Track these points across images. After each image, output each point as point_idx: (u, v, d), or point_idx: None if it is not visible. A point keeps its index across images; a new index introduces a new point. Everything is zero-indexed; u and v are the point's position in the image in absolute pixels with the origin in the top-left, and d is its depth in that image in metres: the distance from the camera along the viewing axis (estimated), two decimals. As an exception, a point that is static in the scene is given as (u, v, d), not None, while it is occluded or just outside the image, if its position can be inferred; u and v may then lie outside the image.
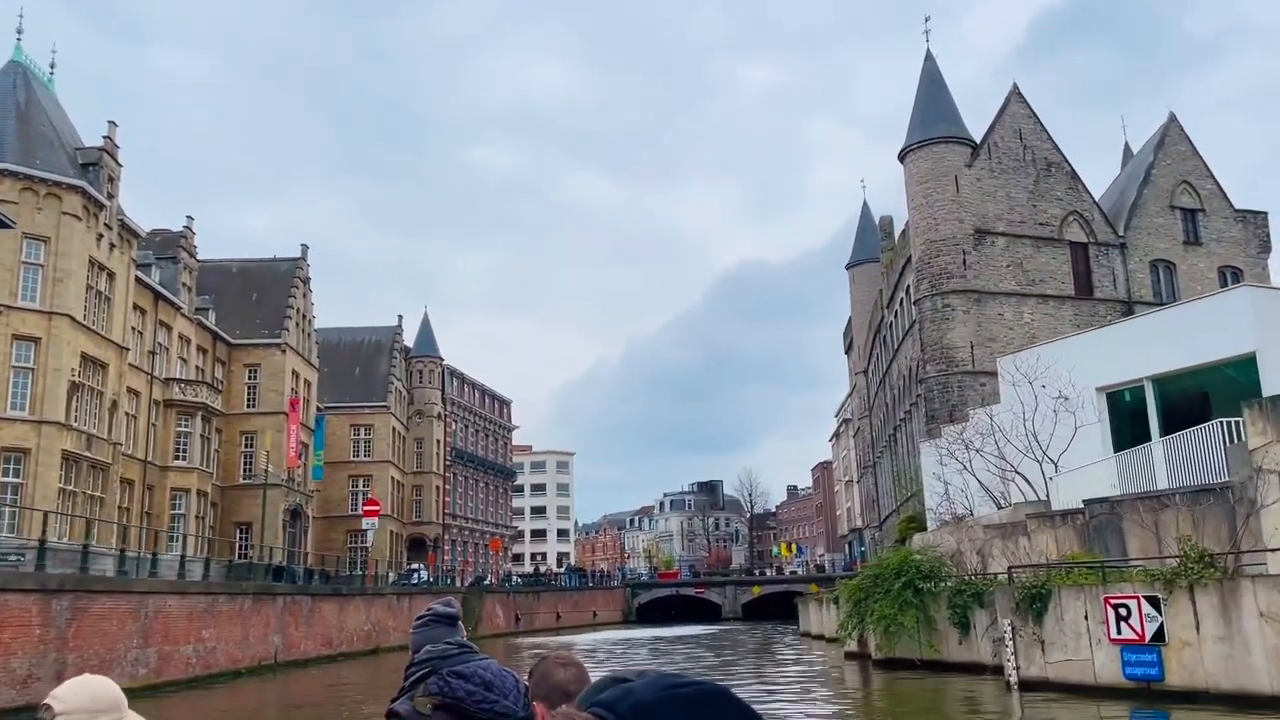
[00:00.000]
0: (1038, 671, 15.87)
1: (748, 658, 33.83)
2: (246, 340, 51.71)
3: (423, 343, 76.34)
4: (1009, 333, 43.04)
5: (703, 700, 1.14)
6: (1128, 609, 14.14)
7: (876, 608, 19.68)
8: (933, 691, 18.12)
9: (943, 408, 42.10)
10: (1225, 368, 20.75)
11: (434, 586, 54.81)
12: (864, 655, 23.19)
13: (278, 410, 51.23)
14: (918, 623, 19.18)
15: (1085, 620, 15.15)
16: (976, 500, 30.07)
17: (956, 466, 30.28)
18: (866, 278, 72.09)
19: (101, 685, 2.21)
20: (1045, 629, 15.63)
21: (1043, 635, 15.58)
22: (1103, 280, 45.01)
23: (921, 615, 19.36)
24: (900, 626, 19.28)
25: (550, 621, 67.42)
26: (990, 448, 26.24)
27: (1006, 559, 21.00)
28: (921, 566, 19.97)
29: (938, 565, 20.14)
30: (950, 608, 18.98)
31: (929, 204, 43.98)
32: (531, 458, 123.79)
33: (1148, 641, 14.08)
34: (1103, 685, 14.79)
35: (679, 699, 1.13)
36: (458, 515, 78.80)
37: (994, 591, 17.95)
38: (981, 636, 18.07)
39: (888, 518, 62.62)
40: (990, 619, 17.70)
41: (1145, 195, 46.73)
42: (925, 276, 43.67)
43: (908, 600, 19.33)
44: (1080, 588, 15.33)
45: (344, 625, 36.68)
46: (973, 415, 30.42)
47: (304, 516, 53.91)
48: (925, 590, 19.58)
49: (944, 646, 19.36)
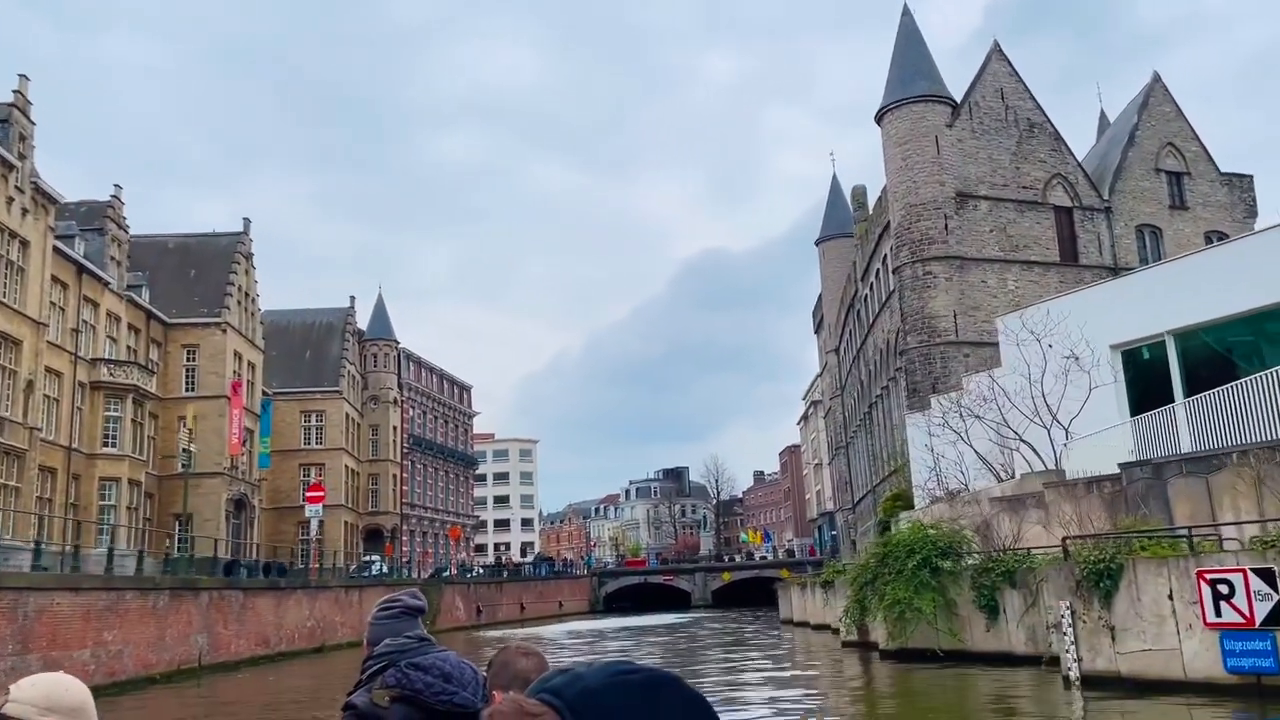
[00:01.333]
0: (1105, 664, 13.12)
1: (733, 650, 31.27)
2: (184, 319, 48.37)
3: (377, 325, 73.10)
4: (992, 301, 40.95)
5: (652, 686, 1.14)
6: (1230, 585, 11.54)
7: (888, 591, 17.21)
8: (963, 688, 15.70)
9: (925, 380, 39.94)
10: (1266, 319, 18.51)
11: (387, 578, 51.82)
12: (866, 645, 20.81)
13: (219, 394, 48.02)
14: (936, 607, 16.78)
15: (1170, 601, 12.46)
16: (973, 473, 27.83)
17: (950, 438, 28.03)
18: (837, 253, 69.94)
19: (64, 687, 2.14)
20: (1115, 612, 12.95)
21: (1112, 620, 12.91)
22: (1088, 246, 43.07)
23: (940, 599, 16.97)
24: (916, 613, 16.81)
25: (514, 613, 64.74)
26: (992, 415, 23.94)
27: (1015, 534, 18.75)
28: (939, 542, 17.54)
29: (958, 540, 17.71)
30: (975, 589, 16.59)
31: (908, 166, 41.73)
32: (494, 445, 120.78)
33: (1258, 626, 11.47)
34: (1195, 681, 12.14)
35: (628, 685, 1.13)
36: (416, 505, 75.78)
37: (1031, 569, 15.57)
38: (1015, 622, 15.74)
39: (862, 498, 60.62)
40: (1026, 601, 15.41)
41: (1130, 158, 44.84)
42: (905, 243, 41.44)
43: (924, 581, 16.86)
44: (1161, 561, 12.63)
45: (283, 622, 33.69)
46: (969, 381, 28.15)
47: (250, 507, 50.74)
48: (944, 570, 17.18)
49: (968, 634, 16.98)
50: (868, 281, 52.25)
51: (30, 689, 2.11)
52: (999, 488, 23.97)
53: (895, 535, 18.14)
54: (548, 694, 1.15)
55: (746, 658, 26.63)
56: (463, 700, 2.78)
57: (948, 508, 27.65)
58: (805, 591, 35.29)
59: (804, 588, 35.93)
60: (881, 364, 49.09)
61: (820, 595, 31.96)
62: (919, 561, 17.03)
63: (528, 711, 1.14)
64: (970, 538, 17.40)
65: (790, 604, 39.59)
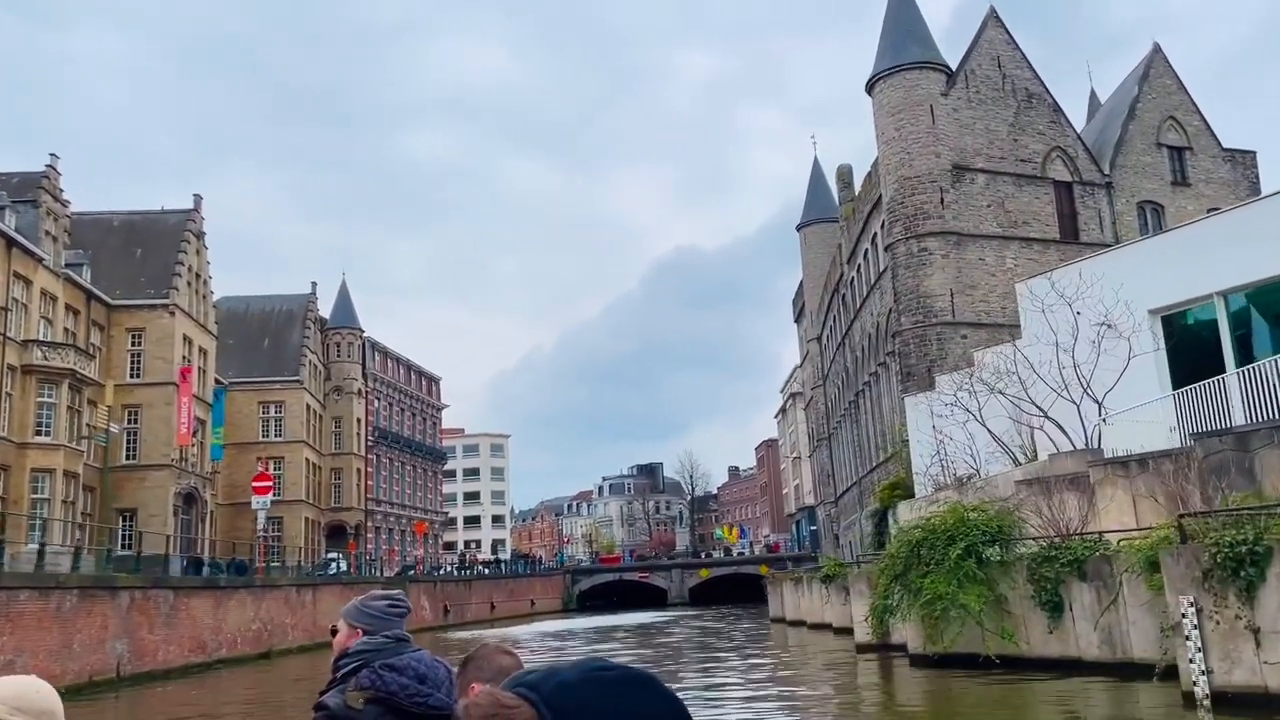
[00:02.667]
0: (1246, 677, 10.40)
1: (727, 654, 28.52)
2: (128, 301, 45.16)
3: (340, 313, 69.95)
4: (990, 279, 38.77)
5: (627, 683, 1.17)
6: None
7: (925, 585, 14.62)
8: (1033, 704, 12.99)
9: (920, 363, 37.63)
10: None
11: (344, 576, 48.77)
12: (887, 648, 18.30)
13: (166, 381, 44.91)
14: (985, 604, 14.22)
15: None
16: (984, 456, 25.47)
17: (960, 418, 25.65)
18: (819, 239, 67.69)
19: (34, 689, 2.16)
20: (1262, 610, 10.27)
21: (1256, 620, 10.23)
22: (1089, 223, 40.97)
23: (989, 594, 14.43)
24: (961, 611, 14.23)
25: (484, 612, 61.93)
26: (1013, 390, 21.55)
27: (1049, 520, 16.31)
28: (986, 527, 14.98)
29: (1009, 524, 15.13)
30: (1033, 582, 14.05)
31: (901, 137, 39.39)
32: (464, 440, 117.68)
33: None
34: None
35: (604, 680, 1.16)
36: (382, 500, 72.70)
37: (1106, 557, 13.04)
38: (1086, 621, 13.19)
39: (847, 491, 58.38)
40: (1101, 596, 12.92)
41: (1130, 131, 42.79)
42: (898, 218, 39.11)
43: (969, 574, 14.31)
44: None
45: (223, 625, 30.69)
46: (982, 355, 25.76)
47: (201, 502, 47.63)
48: (991, 560, 14.64)
49: (1025, 636, 14.35)
50: (854, 264, 49.94)
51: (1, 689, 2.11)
52: (1019, 470, 21.57)
53: (932, 519, 15.60)
54: (524, 688, 1.15)
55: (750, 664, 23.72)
56: (437, 702, 2.78)
57: (956, 495, 25.28)
58: (800, 588, 32.81)
59: (798, 584, 33.44)
60: (870, 348, 46.79)
61: (819, 591, 29.48)
62: (963, 550, 14.47)
63: (504, 704, 1.14)
64: (1022, 521, 14.88)
65: (781, 601, 37.07)
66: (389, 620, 3.08)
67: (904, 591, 15.33)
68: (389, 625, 3.07)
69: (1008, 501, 19.22)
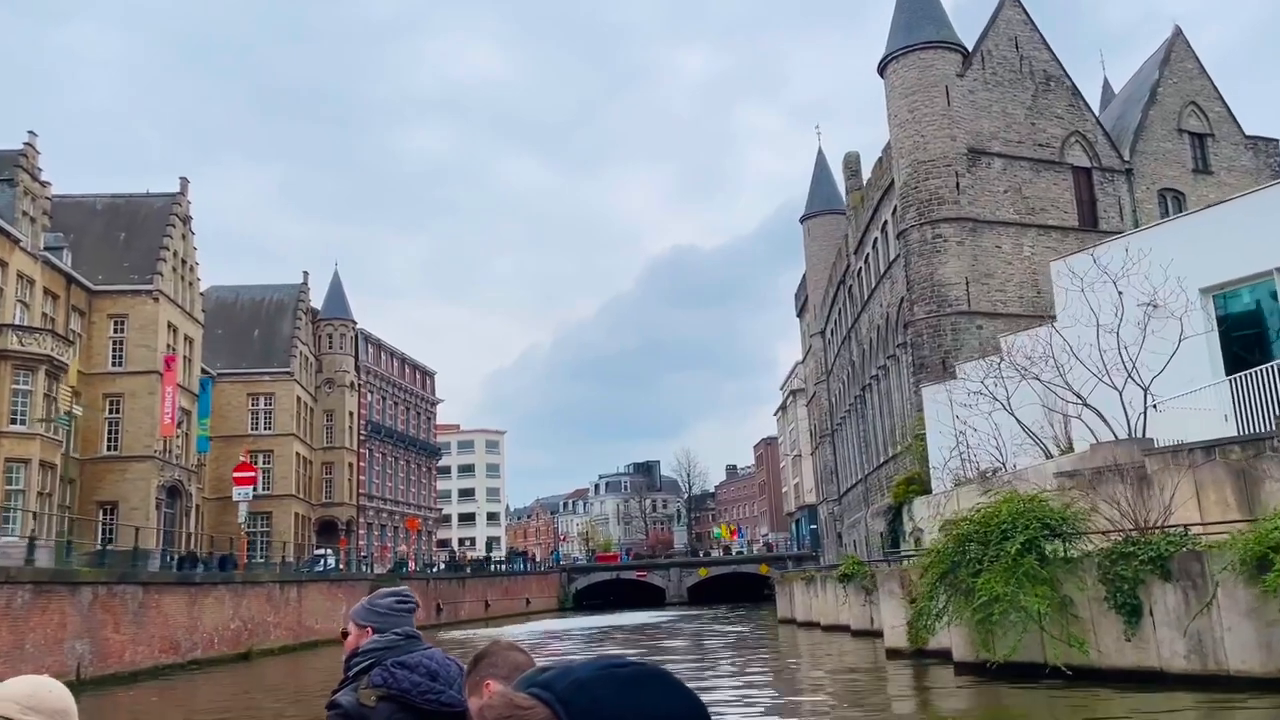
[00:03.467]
0: None
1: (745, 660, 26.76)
2: (111, 286, 43.50)
3: (333, 304, 68.28)
4: (1007, 268, 37.30)
5: (643, 680, 1.15)
6: None
7: (980, 585, 12.95)
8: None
9: (934, 354, 36.15)
10: None
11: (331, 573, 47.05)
12: (921, 654, 16.69)
13: (150, 369, 43.26)
14: (1050, 607, 12.59)
15: None
16: (1011, 449, 23.96)
17: (984, 408, 24.16)
18: (823, 231, 66.24)
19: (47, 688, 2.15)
20: None
21: None
22: (1108, 210, 39.49)
23: (1053, 595, 12.81)
24: (1021, 614, 12.56)
25: (478, 611, 60.33)
26: (1049, 375, 20.05)
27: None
28: (1049, 519, 13.35)
29: (1075, 517, 13.48)
30: (1105, 582, 12.43)
31: (915, 119, 37.88)
32: (459, 437, 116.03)
33: None
34: None
35: (618, 677, 1.14)
36: (374, 496, 71.06)
37: (1196, 554, 11.43)
38: (1170, 627, 11.58)
39: (852, 488, 56.91)
40: (1189, 599, 11.38)
41: (1151, 117, 41.33)
42: (912, 203, 37.59)
43: (1030, 572, 12.71)
44: None
45: (198, 624, 28.94)
46: (1011, 340, 24.23)
47: (185, 495, 45.99)
48: (1053, 557, 13.00)
49: (1096, 643, 12.76)
50: (862, 254, 48.44)
51: (14, 688, 2.12)
52: (1055, 463, 20.05)
53: (985, 509, 13.97)
54: (538, 688, 1.14)
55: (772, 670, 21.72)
56: (449, 699, 2.78)
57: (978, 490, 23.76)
58: (813, 587, 31.21)
59: (810, 583, 31.85)
60: (879, 341, 45.29)
61: (835, 592, 27.87)
62: (1023, 545, 12.83)
63: (518, 705, 1.14)
64: (1087, 512, 13.25)
65: (791, 601, 35.45)
66: (397, 616, 3.09)
67: (951, 592, 13.72)
68: (398, 621, 3.07)
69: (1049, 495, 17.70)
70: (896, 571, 17.60)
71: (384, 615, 3.05)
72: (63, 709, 2.13)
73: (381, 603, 3.11)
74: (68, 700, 2.16)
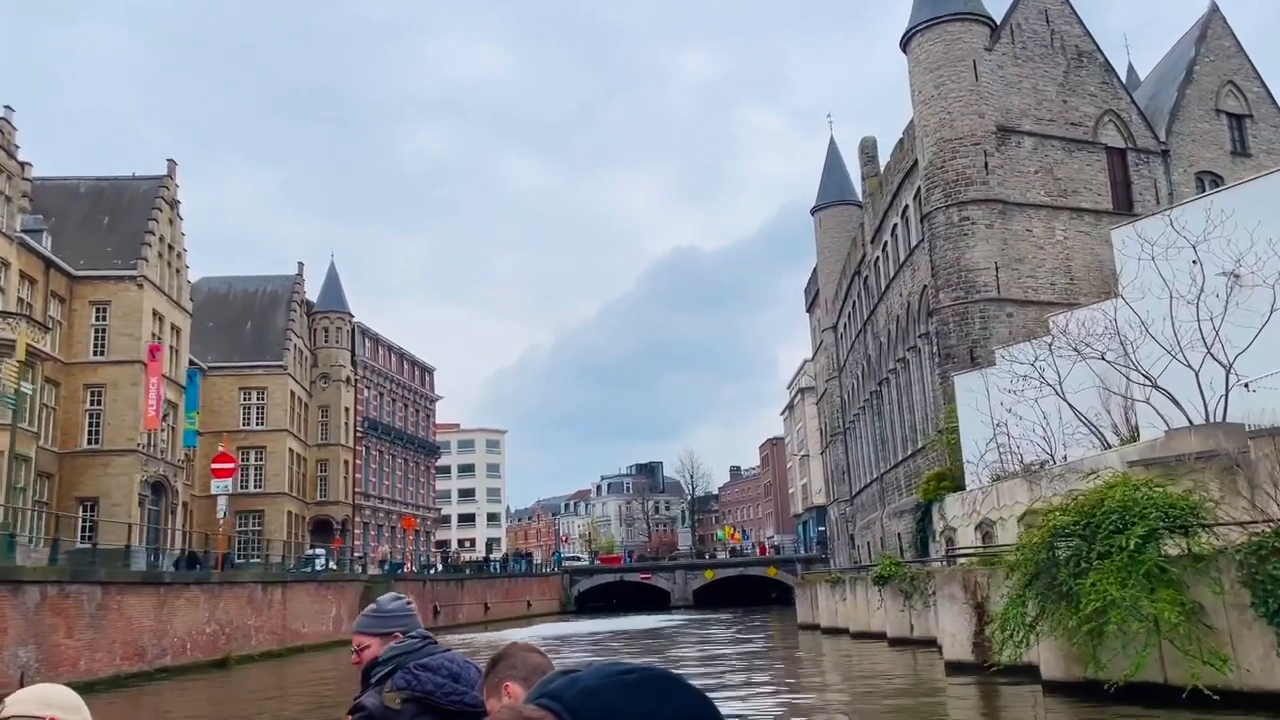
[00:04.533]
0: None
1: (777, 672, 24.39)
2: (93, 272, 41.45)
3: (329, 296, 66.21)
4: (1039, 253, 35.24)
5: (651, 684, 1.14)
6: None
7: (1089, 587, 10.74)
8: None
9: (961, 344, 34.06)
10: None
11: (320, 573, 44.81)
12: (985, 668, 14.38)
13: (133, 359, 41.18)
14: (1182, 614, 10.37)
15: None
16: (1060, 439, 21.88)
17: (1029, 395, 22.09)
18: (835, 222, 64.16)
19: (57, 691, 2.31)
20: None
21: None
22: (1144, 194, 37.40)
23: (1185, 600, 10.62)
24: (1146, 624, 10.31)
25: (477, 614, 58.21)
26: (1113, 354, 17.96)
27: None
28: (1172, 507, 11.11)
29: (1201, 506, 11.22)
30: (1250, 585, 10.24)
31: (941, 96, 35.82)
32: (459, 436, 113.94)
33: None
34: None
35: (627, 683, 1.13)
36: (371, 495, 68.95)
37: None
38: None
39: (866, 488, 54.80)
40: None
41: (1188, 96, 39.27)
42: (937, 184, 35.52)
43: (1154, 572, 10.47)
44: None
45: (167, 628, 26.40)
46: (1062, 320, 22.15)
47: (171, 491, 43.91)
48: (1179, 558, 10.70)
49: (1236, 660, 10.62)
50: (880, 242, 46.35)
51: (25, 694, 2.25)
52: (1118, 452, 17.93)
53: (1086, 496, 11.77)
54: (546, 698, 1.14)
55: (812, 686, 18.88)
56: (472, 700, 2.80)
57: (1025, 485, 21.68)
58: (840, 590, 28.96)
59: (836, 585, 29.62)
60: (898, 332, 43.19)
61: (868, 595, 25.67)
62: (1141, 538, 10.59)
63: (527, 717, 1.13)
64: (1213, 502, 11.08)
65: (813, 605, 33.17)
66: (408, 616, 3.22)
67: (1046, 596, 11.52)
68: (409, 621, 3.19)
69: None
70: (958, 573, 15.45)
71: (397, 618, 3.19)
72: (76, 704, 2.27)
73: (390, 606, 3.24)
74: (79, 699, 2.30)
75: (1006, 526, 22.99)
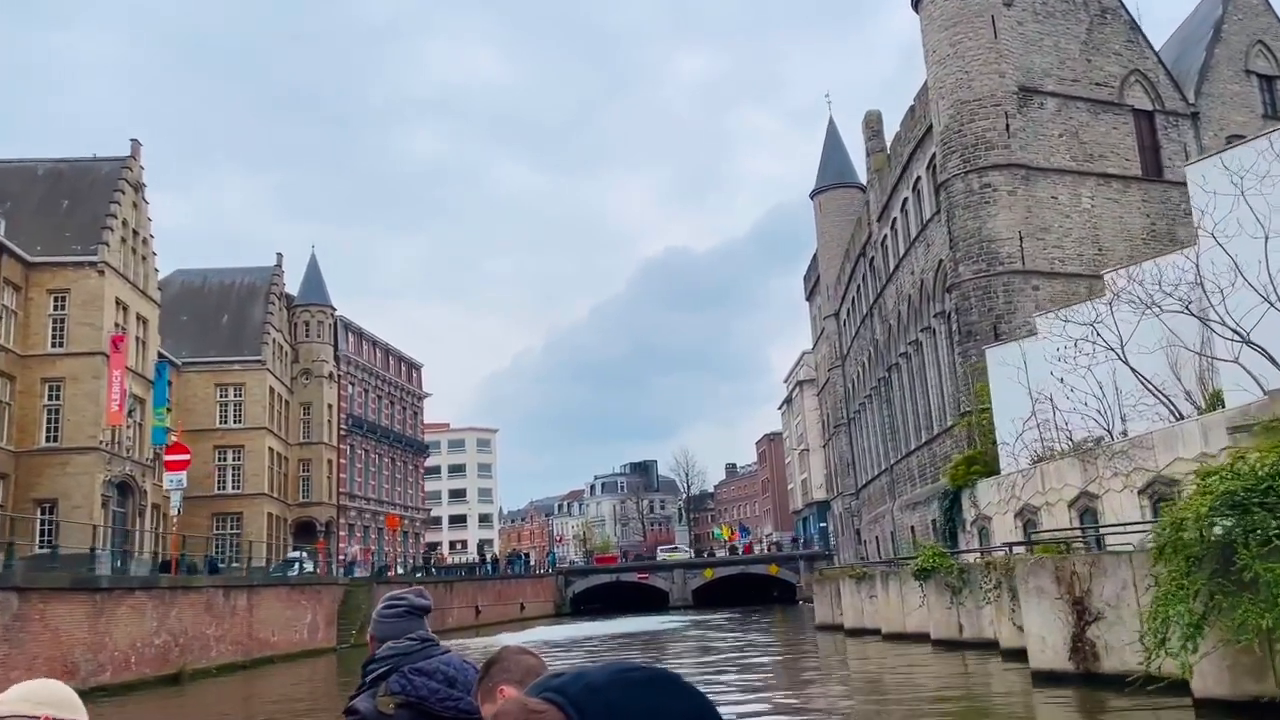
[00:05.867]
0: None
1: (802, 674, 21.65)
2: (50, 258, 38.73)
3: (310, 288, 63.49)
4: (1065, 222, 32.84)
5: (656, 683, 1.17)
6: None
7: None
8: None
9: (983, 319, 31.62)
10: None
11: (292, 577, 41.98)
12: (1089, 678, 11.92)
13: (94, 351, 38.47)
14: None
15: None
16: (1119, 412, 19.42)
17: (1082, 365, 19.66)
18: (836, 205, 61.82)
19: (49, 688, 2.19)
20: None
21: None
22: (1173, 158, 35.01)
23: None
24: None
25: (467, 617, 55.61)
26: (1194, 307, 15.50)
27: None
28: None
29: None
30: None
31: (958, 54, 33.39)
32: (449, 435, 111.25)
33: None
34: None
35: (631, 681, 1.16)
36: (356, 495, 66.23)
37: None
38: None
39: (873, 480, 52.39)
40: None
41: (1217, 56, 36.94)
42: (955, 149, 33.09)
43: None
44: None
45: (106, 639, 23.31)
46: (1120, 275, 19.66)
47: (139, 492, 41.20)
48: None
49: None
50: (888, 219, 43.92)
51: (13, 692, 2.14)
52: (1198, 422, 15.45)
53: (1263, 457, 9.22)
54: (551, 692, 1.15)
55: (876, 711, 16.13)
56: (468, 705, 2.73)
57: (1078, 466, 19.19)
58: (867, 586, 26.27)
59: (861, 581, 26.96)
60: (910, 312, 40.74)
61: (905, 591, 23.06)
62: None
63: (533, 709, 1.14)
64: None
65: (832, 604, 30.41)
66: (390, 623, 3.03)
67: (1217, 587, 8.97)
68: (399, 628, 3.02)
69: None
70: (1048, 563, 12.95)
71: (380, 623, 3.06)
72: (71, 701, 2.15)
73: (381, 610, 3.10)
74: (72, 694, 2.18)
75: (1054, 512, 20.55)
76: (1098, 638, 12.12)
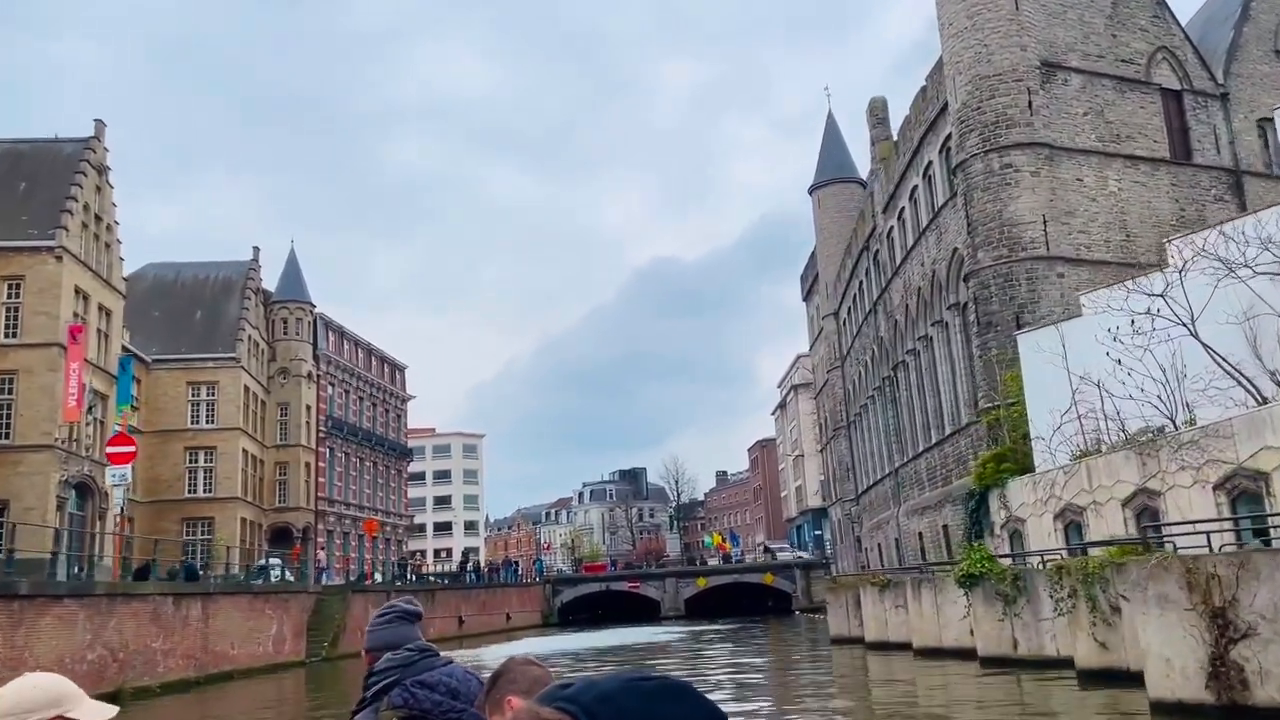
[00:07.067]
0: None
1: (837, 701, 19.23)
2: (4, 243, 36.27)
3: (288, 285, 60.98)
4: (1091, 205, 30.75)
5: (666, 693, 1.18)
6: None
7: None
8: None
9: (1004, 309, 29.44)
10: None
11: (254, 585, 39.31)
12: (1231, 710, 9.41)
13: (51, 342, 35.99)
14: None
15: None
16: (1180, 398, 17.21)
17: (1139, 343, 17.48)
18: (836, 201, 59.78)
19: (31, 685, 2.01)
20: None
21: None
22: (1203, 140, 33.06)
23: None
24: None
25: (450, 627, 53.06)
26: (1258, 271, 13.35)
27: None
28: None
29: None
30: None
31: (976, 27, 31.29)
32: (435, 440, 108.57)
33: None
34: None
35: (642, 690, 1.17)
36: (336, 500, 63.64)
37: None
38: None
39: (875, 485, 50.16)
40: None
41: (1246, 35, 35.04)
42: (973, 127, 30.95)
43: None
44: None
45: (25, 655, 20.28)
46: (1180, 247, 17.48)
47: (98, 494, 38.61)
48: None
49: None
50: (895, 209, 41.78)
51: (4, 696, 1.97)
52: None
53: None
54: (563, 701, 1.16)
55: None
56: (471, 718, 2.68)
57: (1135, 460, 16.97)
58: (894, 595, 23.72)
59: (886, 590, 24.50)
60: (920, 306, 38.57)
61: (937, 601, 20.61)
62: None
63: (544, 717, 1.15)
64: None
65: (848, 615, 27.94)
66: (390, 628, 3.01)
67: None
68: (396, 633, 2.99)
69: None
70: (1177, 564, 10.62)
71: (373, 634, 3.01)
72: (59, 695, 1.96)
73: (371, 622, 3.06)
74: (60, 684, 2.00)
75: (1103, 512, 18.30)
76: (1246, 660, 9.84)
